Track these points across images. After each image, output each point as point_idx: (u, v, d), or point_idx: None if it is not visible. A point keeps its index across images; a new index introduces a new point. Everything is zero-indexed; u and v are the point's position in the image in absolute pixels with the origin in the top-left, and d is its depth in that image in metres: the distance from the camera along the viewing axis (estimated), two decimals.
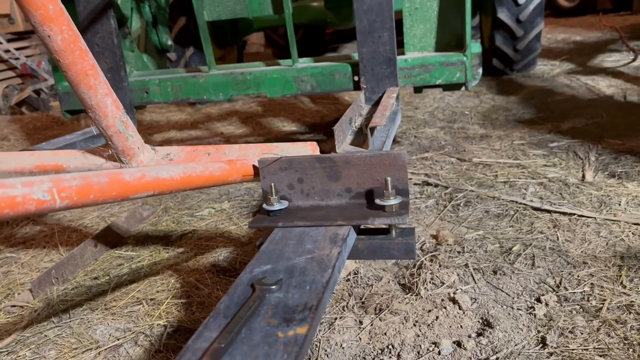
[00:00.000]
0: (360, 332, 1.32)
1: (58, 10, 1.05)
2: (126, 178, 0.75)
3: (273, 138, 3.37)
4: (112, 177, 0.72)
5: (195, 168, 0.91)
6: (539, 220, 1.78)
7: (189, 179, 0.88)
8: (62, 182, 0.66)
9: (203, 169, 0.93)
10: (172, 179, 0.84)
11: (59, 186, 0.65)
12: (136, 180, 0.77)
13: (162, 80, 2.29)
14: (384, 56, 1.99)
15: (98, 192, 0.70)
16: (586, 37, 5.78)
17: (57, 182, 0.65)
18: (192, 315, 1.47)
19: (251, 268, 0.80)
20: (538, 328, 1.26)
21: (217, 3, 2.23)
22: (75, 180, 0.67)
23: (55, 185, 0.65)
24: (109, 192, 0.72)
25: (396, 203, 0.94)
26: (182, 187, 0.87)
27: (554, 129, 2.78)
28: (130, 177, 0.76)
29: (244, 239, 1.94)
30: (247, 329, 0.63)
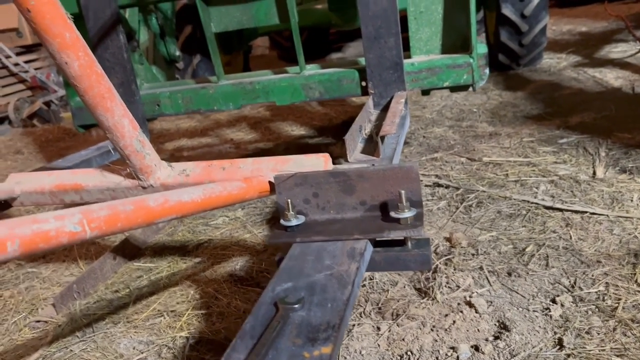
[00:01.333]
0: (379, 339, 1.34)
1: (74, 37, 1.08)
2: (150, 204, 0.78)
3: (282, 143, 3.40)
4: (137, 205, 0.75)
5: (214, 189, 0.94)
6: (552, 220, 1.79)
7: (209, 200, 0.91)
8: (91, 213, 0.69)
9: (222, 189, 0.96)
10: (193, 201, 0.87)
11: (88, 217, 0.68)
12: (160, 205, 0.80)
13: (173, 93, 2.32)
14: (390, 61, 2.01)
15: (125, 221, 0.73)
16: (592, 27, 5.75)
17: (86, 213, 0.68)
18: (212, 326, 1.50)
19: (273, 286, 0.83)
20: (554, 329, 1.28)
21: (223, 15, 2.26)
22: (103, 210, 0.70)
23: (85, 217, 0.67)
24: (135, 220, 0.75)
25: (411, 215, 0.96)
26: (203, 209, 0.90)
27: (562, 124, 2.78)
28: (154, 203, 0.79)
29: (259, 247, 1.97)
30: (274, 350, 0.66)
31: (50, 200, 1.45)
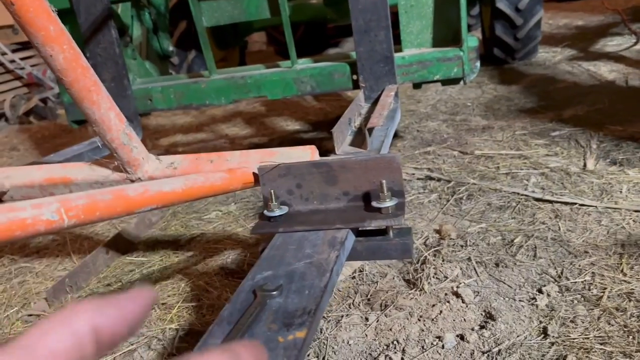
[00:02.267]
0: (367, 329, 1.35)
1: (59, 30, 1.09)
2: (130, 194, 0.78)
3: (277, 138, 3.40)
4: (116, 194, 0.76)
5: (197, 179, 0.95)
6: (541, 211, 1.80)
7: (190, 190, 0.91)
8: (69, 202, 0.70)
9: (204, 180, 0.96)
10: (174, 191, 0.87)
11: (66, 206, 0.69)
12: (139, 195, 0.81)
13: (165, 88, 2.33)
14: (381, 54, 2.02)
15: (104, 209, 0.74)
16: (588, 21, 5.75)
17: (64, 202, 0.69)
18: (202, 318, 1.51)
19: (253, 275, 0.84)
20: (540, 319, 1.29)
21: (215, 9, 2.27)
22: (81, 199, 0.71)
23: (63, 206, 0.68)
24: (114, 209, 0.76)
25: (392, 205, 0.97)
26: (184, 199, 0.91)
27: (555, 117, 2.79)
28: (134, 192, 0.80)
29: (251, 241, 1.98)
30: (250, 335, 0.67)
31: (40, 194, 1.46)
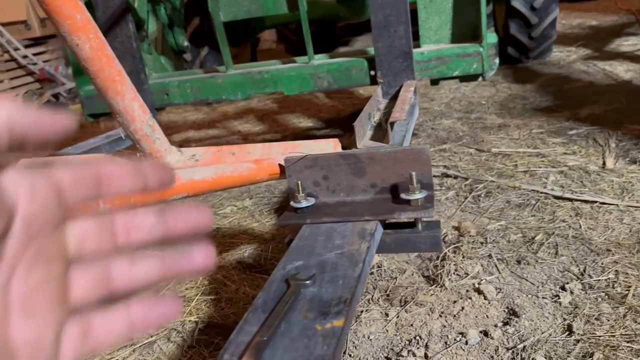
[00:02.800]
0: (387, 324, 1.34)
1: (85, 19, 1.09)
2: None
3: (290, 135, 3.40)
4: None
5: (225, 169, 0.94)
6: (561, 209, 1.79)
7: (220, 179, 0.91)
8: None
9: (232, 170, 0.96)
10: (204, 180, 0.87)
11: None
12: None
13: (182, 82, 2.32)
14: (400, 50, 2.00)
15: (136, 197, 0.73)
16: (602, 21, 5.70)
17: None
18: (221, 311, 1.50)
19: (284, 264, 0.83)
20: (564, 316, 1.28)
21: (232, 3, 2.26)
22: None
23: None
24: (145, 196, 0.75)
25: (421, 197, 0.96)
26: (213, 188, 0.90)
27: (572, 116, 2.76)
28: None
29: (267, 236, 1.97)
30: (286, 323, 0.66)
31: None
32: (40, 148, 0.28)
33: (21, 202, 0.29)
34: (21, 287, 0.29)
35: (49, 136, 0.28)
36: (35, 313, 0.29)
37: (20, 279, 0.29)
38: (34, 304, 0.29)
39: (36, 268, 0.29)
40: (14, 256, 0.28)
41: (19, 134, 0.27)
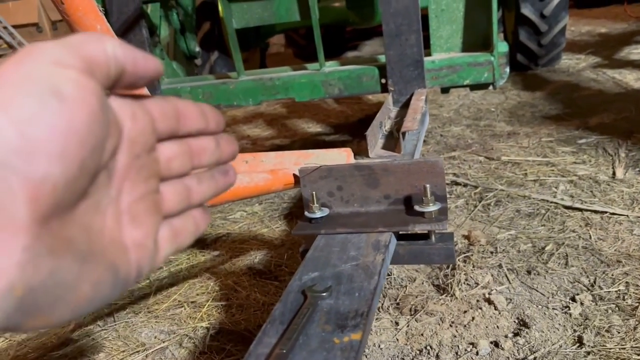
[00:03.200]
0: (397, 333, 1.35)
1: (105, 29, 1.11)
2: None
3: (299, 140, 3.41)
4: None
5: (242, 179, 0.95)
6: (571, 219, 1.79)
7: (237, 190, 0.92)
8: None
9: (249, 180, 0.97)
10: None
11: None
12: None
13: (194, 88, 2.35)
14: (411, 58, 2.02)
15: None
16: (611, 28, 5.69)
17: None
18: (232, 317, 1.52)
19: (300, 275, 0.84)
20: (574, 327, 1.28)
21: (245, 11, 2.28)
22: None
23: None
24: None
25: (435, 209, 0.97)
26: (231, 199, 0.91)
27: (581, 124, 2.76)
28: None
29: (276, 242, 1.98)
30: (304, 335, 0.67)
31: None
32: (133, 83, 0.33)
33: (126, 124, 0.33)
34: (128, 199, 0.34)
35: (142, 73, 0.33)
36: (139, 220, 0.35)
37: (127, 192, 0.34)
38: (137, 213, 0.35)
39: (138, 184, 0.35)
40: (123, 173, 0.34)
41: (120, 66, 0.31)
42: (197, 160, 0.40)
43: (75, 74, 0.28)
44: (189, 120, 0.39)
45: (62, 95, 0.27)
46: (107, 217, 0.33)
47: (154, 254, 0.36)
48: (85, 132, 0.28)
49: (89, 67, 0.29)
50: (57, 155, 0.26)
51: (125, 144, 0.33)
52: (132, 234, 0.34)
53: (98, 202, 0.32)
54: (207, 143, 0.41)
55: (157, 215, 0.37)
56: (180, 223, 0.40)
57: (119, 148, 0.33)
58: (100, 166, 0.31)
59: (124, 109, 0.33)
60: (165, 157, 0.38)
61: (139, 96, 0.36)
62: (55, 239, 0.27)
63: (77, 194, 0.29)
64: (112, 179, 0.33)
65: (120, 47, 0.32)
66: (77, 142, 0.27)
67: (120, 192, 0.34)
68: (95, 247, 0.31)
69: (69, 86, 0.28)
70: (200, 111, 0.40)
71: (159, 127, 0.36)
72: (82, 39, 0.30)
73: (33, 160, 0.25)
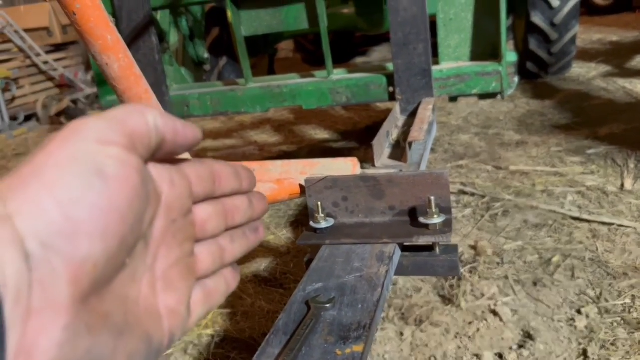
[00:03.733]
0: (402, 344, 1.35)
1: (115, 39, 1.12)
2: None
3: (306, 146, 3.42)
4: None
5: None
6: (578, 230, 1.78)
7: None
8: None
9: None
10: None
11: None
12: None
13: (202, 95, 2.36)
14: (419, 67, 2.02)
15: None
16: (623, 37, 5.67)
17: None
18: (237, 325, 1.52)
19: (304, 286, 0.85)
20: (579, 340, 1.27)
21: (254, 19, 2.30)
22: None
23: None
24: None
25: (440, 221, 0.97)
26: None
27: (591, 134, 2.75)
28: None
29: (282, 249, 1.99)
30: (307, 346, 0.67)
31: None
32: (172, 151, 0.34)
33: (164, 190, 0.34)
34: (163, 265, 0.35)
35: (181, 142, 0.34)
36: (173, 286, 0.35)
37: (162, 258, 0.34)
38: (172, 278, 0.35)
39: (173, 248, 0.35)
40: (159, 238, 0.34)
41: (160, 137, 0.32)
42: (230, 220, 0.41)
43: (118, 151, 0.29)
44: (224, 181, 0.39)
45: (106, 174, 0.28)
46: (142, 286, 0.33)
47: (186, 319, 0.36)
48: (126, 209, 0.29)
49: (132, 141, 0.30)
50: (99, 234, 0.27)
51: (162, 210, 0.34)
52: (166, 301, 0.34)
53: (134, 271, 0.32)
54: (240, 202, 0.41)
55: (191, 279, 0.37)
56: (213, 284, 0.40)
57: (156, 215, 0.33)
58: (140, 237, 0.31)
59: (162, 175, 0.34)
60: (200, 219, 0.38)
61: (177, 160, 0.36)
62: (93, 315, 0.28)
63: (116, 268, 0.29)
64: (149, 246, 0.33)
65: (160, 118, 0.32)
66: (118, 220, 0.28)
67: (156, 258, 0.34)
68: (130, 318, 0.31)
69: (112, 165, 0.28)
70: (235, 172, 0.41)
71: (195, 191, 0.37)
72: (125, 113, 0.31)
73: (75, 241, 0.26)
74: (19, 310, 0.24)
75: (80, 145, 0.28)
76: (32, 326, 0.24)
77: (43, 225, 0.25)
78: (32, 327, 0.24)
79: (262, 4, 2.27)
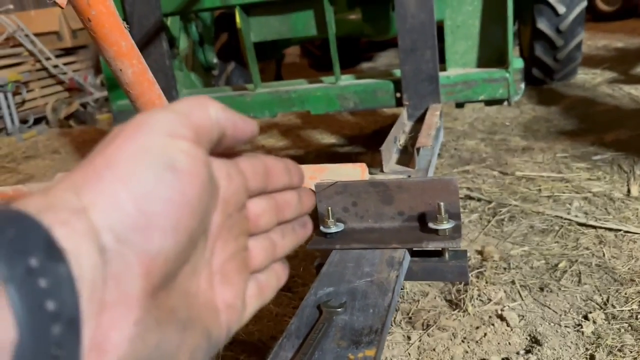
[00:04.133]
0: (409, 348, 1.36)
1: (129, 46, 1.14)
2: None
3: (313, 151, 3.44)
4: None
5: None
6: (585, 236, 1.79)
7: None
8: None
9: None
10: None
11: None
12: None
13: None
14: (426, 73, 2.04)
15: None
16: (628, 43, 5.67)
17: None
18: (246, 328, 1.53)
19: (315, 290, 0.86)
20: (586, 346, 1.28)
21: (263, 25, 2.32)
22: None
23: None
24: None
25: (449, 227, 0.98)
26: None
27: (597, 140, 2.76)
28: None
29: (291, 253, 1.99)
30: (320, 351, 0.69)
31: None
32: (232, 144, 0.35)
33: (222, 185, 0.34)
34: (220, 259, 0.35)
35: (240, 136, 0.35)
36: (230, 280, 0.36)
37: (219, 252, 0.35)
38: (228, 272, 0.35)
39: (229, 243, 0.36)
40: (216, 233, 0.34)
41: (222, 131, 0.33)
42: (281, 215, 0.41)
43: (187, 145, 0.29)
44: (276, 177, 0.40)
45: (177, 168, 0.28)
46: (201, 280, 0.33)
47: (242, 312, 0.37)
48: (196, 203, 0.29)
49: (198, 135, 0.30)
50: (170, 228, 0.27)
51: (220, 204, 0.34)
52: (223, 295, 0.35)
53: (195, 265, 0.32)
54: (291, 197, 0.42)
55: (246, 273, 0.38)
56: (265, 278, 0.40)
57: (215, 209, 0.34)
58: (205, 231, 0.32)
59: (220, 170, 0.34)
60: (254, 214, 0.38)
61: (233, 154, 0.37)
62: (161, 310, 0.28)
63: (183, 263, 0.30)
64: (207, 241, 0.33)
65: (222, 112, 0.33)
66: (189, 214, 0.28)
67: (213, 252, 0.34)
68: (192, 313, 0.31)
69: (182, 158, 0.29)
70: (285, 167, 0.41)
71: (250, 186, 0.37)
72: (189, 106, 0.31)
73: (149, 235, 0.26)
74: (94, 303, 0.24)
75: (150, 138, 0.28)
76: (105, 320, 0.25)
77: (118, 218, 0.26)
78: (105, 321, 0.25)
79: (271, 11, 2.30)
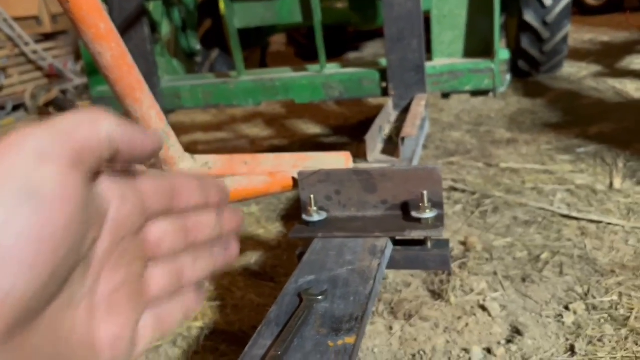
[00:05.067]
0: (391, 338, 1.36)
1: (109, 28, 1.11)
2: None
3: (298, 141, 3.42)
4: None
5: (242, 181, 0.96)
6: (567, 228, 1.80)
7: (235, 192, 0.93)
8: None
9: (248, 182, 0.98)
10: None
11: None
12: None
13: (194, 86, 2.35)
14: (412, 63, 2.02)
15: None
16: (613, 37, 5.71)
17: None
18: (227, 318, 1.52)
19: (296, 278, 0.85)
20: (567, 336, 1.29)
21: (247, 11, 2.29)
22: None
23: None
24: None
25: (432, 216, 0.97)
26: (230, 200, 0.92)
27: (581, 133, 2.77)
28: None
29: (273, 243, 1.99)
30: (299, 338, 0.68)
31: None
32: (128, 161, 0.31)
33: (112, 208, 0.31)
34: (106, 287, 0.31)
35: (138, 153, 0.31)
36: (117, 310, 0.32)
37: (106, 280, 0.31)
38: (116, 302, 0.32)
39: (119, 269, 0.32)
40: (102, 259, 0.31)
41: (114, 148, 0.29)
42: (192, 237, 0.37)
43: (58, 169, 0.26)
44: (185, 196, 0.36)
45: (39, 196, 0.25)
46: (79, 312, 0.29)
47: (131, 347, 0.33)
48: (60, 236, 0.26)
49: (78, 156, 0.27)
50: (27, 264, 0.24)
51: (108, 228, 0.31)
52: (108, 327, 0.31)
53: (71, 296, 0.29)
54: (206, 218, 0.38)
55: (139, 302, 0.34)
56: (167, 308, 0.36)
57: (100, 234, 0.30)
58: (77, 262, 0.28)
59: (113, 190, 0.31)
60: (155, 237, 0.35)
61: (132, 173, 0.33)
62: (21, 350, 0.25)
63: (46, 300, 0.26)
64: (90, 268, 0.30)
65: (116, 128, 0.29)
66: (50, 249, 0.25)
67: (98, 280, 0.31)
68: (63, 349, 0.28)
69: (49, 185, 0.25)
70: (200, 185, 0.38)
71: (150, 206, 0.34)
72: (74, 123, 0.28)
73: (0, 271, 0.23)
74: None
75: (16, 162, 0.25)
76: None
77: None
78: None
79: None
